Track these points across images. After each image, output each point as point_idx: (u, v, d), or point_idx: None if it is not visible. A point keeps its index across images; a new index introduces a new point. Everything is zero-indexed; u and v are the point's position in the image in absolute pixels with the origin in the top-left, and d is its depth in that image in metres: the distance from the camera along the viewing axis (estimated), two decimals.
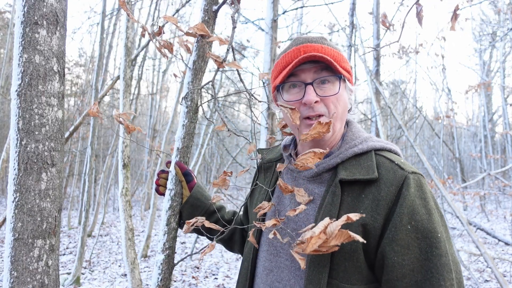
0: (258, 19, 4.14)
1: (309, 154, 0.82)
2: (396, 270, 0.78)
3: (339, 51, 0.94)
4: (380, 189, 0.83)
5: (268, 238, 0.96)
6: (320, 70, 0.90)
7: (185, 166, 1.09)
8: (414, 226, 0.79)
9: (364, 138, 0.94)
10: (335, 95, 0.89)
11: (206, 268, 5.92)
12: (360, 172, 0.86)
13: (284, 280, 0.90)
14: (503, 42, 11.89)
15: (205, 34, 1.00)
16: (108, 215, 11.55)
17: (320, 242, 0.69)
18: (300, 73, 0.91)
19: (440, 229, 0.79)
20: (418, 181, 0.84)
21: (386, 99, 3.97)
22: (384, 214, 0.81)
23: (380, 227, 0.81)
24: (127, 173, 2.90)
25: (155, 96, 11.83)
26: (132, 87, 7.96)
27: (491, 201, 14.43)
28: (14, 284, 0.82)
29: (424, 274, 0.76)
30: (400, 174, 0.83)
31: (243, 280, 1.00)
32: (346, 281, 0.81)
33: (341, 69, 0.90)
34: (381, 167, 0.86)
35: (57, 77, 0.90)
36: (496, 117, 15.69)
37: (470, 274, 4.08)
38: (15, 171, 0.84)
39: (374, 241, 0.81)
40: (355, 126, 0.98)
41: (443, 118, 9.99)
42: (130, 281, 2.77)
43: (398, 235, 0.78)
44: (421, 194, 0.82)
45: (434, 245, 0.77)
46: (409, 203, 0.80)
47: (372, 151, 0.91)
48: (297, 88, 0.92)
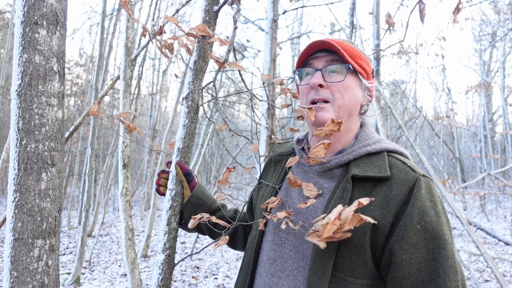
0: (258, 19, 4.14)
1: (320, 147, 0.85)
2: (403, 268, 0.79)
3: (360, 51, 0.98)
4: (391, 188, 0.85)
5: (273, 229, 0.97)
6: (331, 58, 0.94)
7: (186, 166, 1.09)
8: (423, 226, 0.80)
9: (377, 139, 0.96)
10: (341, 83, 0.92)
11: (206, 268, 5.91)
12: (372, 170, 0.88)
13: (287, 270, 0.90)
14: (503, 42, 11.89)
15: (207, 34, 1.00)
16: (108, 215, 11.55)
17: (335, 228, 0.71)
18: (313, 61, 0.96)
19: (447, 232, 0.81)
20: (428, 184, 0.86)
21: (386, 99, 3.97)
22: (394, 212, 0.82)
23: (389, 225, 0.82)
24: (127, 173, 2.90)
25: (155, 96, 11.83)
26: (132, 87, 7.96)
27: (491, 201, 14.43)
28: (14, 284, 0.82)
29: (431, 274, 0.78)
30: (412, 176, 0.86)
31: (246, 268, 1.01)
32: (350, 274, 0.82)
33: (352, 61, 0.93)
34: (393, 167, 0.88)
35: (57, 77, 0.89)
36: (496, 117, 15.69)
37: (470, 274, 4.08)
38: (15, 171, 0.84)
39: (382, 238, 0.82)
40: (369, 128, 1.01)
41: (443, 118, 10.00)
42: (130, 281, 2.77)
43: (408, 234, 0.80)
44: (431, 197, 0.84)
45: (441, 247, 0.78)
46: (420, 204, 0.81)
47: (384, 152, 0.93)
48: (310, 75, 0.97)
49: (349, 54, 0.94)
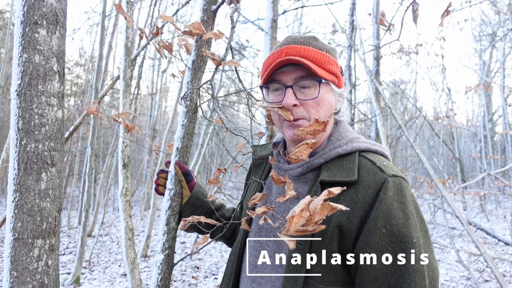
0: (258, 19, 4.14)
1: (302, 147, 0.82)
2: (368, 273, 0.78)
3: (328, 51, 0.92)
4: (358, 192, 0.82)
5: (255, 235, 0.97)
6: (301, 73, 0.89)
7: (185, 166, 1.09)
8: (389, 230, 0.78)
9: (350, 138, 0.93)
10: (315, 99, 0.89)
11: (206, 268, 5.91)
12: (341, 174, 0.86)
13: (266, 277, 0.91)
14: (503, 42, 11.89)
15: (201, 33, 1.00)
16: (108, 215, 11.55)
17: (303, 220, 0.66)
18: (281, 76, 0.90)
19: (416, 234, 0.78)
20: (398, 185, 0.83)
21: (386, 99, 3.97)
22: (360, 216, 0.81)
23: (356, 230, 0.81)
24: (127, 173, 2.90)
25: (155, 96, 11.83)
26: (132, 87, 7.96)
27: (491, 201, 14.42)
28: (14, 284, 0.82)
29: (397, 278, 0.76)
30: (380, 177, 0.83)
31: (229, 273, 1.01)
32: (322, 281, 0.82)
33: (323, 72, 0.89)
34: (362, 169, 0.86)
35: (57, 77, 0.90)
36: (496, 117, 15.69)
37: (470, 274, 4.08)
38: (15, 171, 0.84)
39: (349, 243, 0.81)
40: (343, 126, 0.97)
41: (443, 118, 9.99)
42: (130, 281, 2.77)
43: (372, 238, 0.78)
44: (400, 198, 0.81)
45: (408, 250, 0.77)
46: (386, 207, 0.79)
47: (356, 152, 0.90)
48: (279, 90, 0.92)
49: (318, 64, 0.89)
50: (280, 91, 0.91)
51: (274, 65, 0.88)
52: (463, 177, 11.71)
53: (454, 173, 17.12)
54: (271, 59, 0.92)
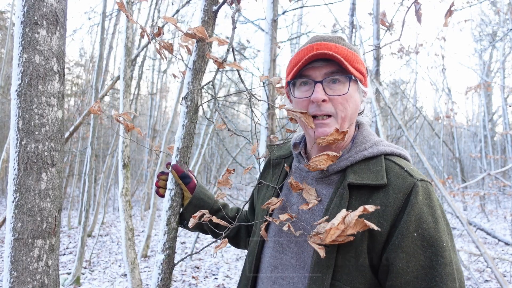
0: (258, 19, 4.14)
1: (323, 157, 0.84)
2: (400, 276, 0.78)
3: (355, 51, 0.93)
4: (388, 195, 0.83)
5: (274, 235, 0.96)
6: (331, 69, 0.89)
7: (182, 168, 1.07)
8: (420, 234, 0.79)
9: (374, 141, 0.93)
10: (344, 95, 0.89)
11: (206, 268, 5.91)
12: (369, 177, 0.86)
13: (288, 278, 0.90)
14: (503, 42, 11.89)
15: (204, 37, 1.00)
16: (108, 215, 11.55)
17: (338, 232, 0.72)
18: (311, 71, 0.90)
19: (445, 238, 0.79)
20: (427, 189, 0.84)
21: (386, 99, 3.97)
22: (390, 220, 0.81)
23: (386, 233, 0.81)
24: (127, 173, 2.90)
25: (155, 96, 11.83)
26: (132, 87, 7.96)
27: (491, 201, 14.42)
28: (14, 284, 0.82)
29: (428, 282, 0.77)
30: (409, 181, 0.83)
31: (247, 273, 1.00)
32: (349, 283, 0.81)
33: (353, 69, 0.89)
34: (390, 172, 0.86)
35: (57, 77, 0.90)
36: (496, 117, 15.69)
37: (470, 274, 4.08)
38: (15, 171, 0.84)
39: (379, 246, 0.81)
40: (366, 129, 0.98)
41: (443, 118, 10.00)
42: (130, 281, 2.77)
43: (404, 242, 0.78)
44: (429, 202, 0.82)
45: (439, 254, 0.77)
46: (417, 211, 0.80)
47: (382, 156, 0.90)
48: (307, 85, 0.92)
49: (348, 62, 0.89)
50: (309, 87, 0.91)
51: (306, 58, 0.88)
52: (463, 177, 11.71)
53: (454, 173, 17.13)
54: (300, 55, 0.91)
